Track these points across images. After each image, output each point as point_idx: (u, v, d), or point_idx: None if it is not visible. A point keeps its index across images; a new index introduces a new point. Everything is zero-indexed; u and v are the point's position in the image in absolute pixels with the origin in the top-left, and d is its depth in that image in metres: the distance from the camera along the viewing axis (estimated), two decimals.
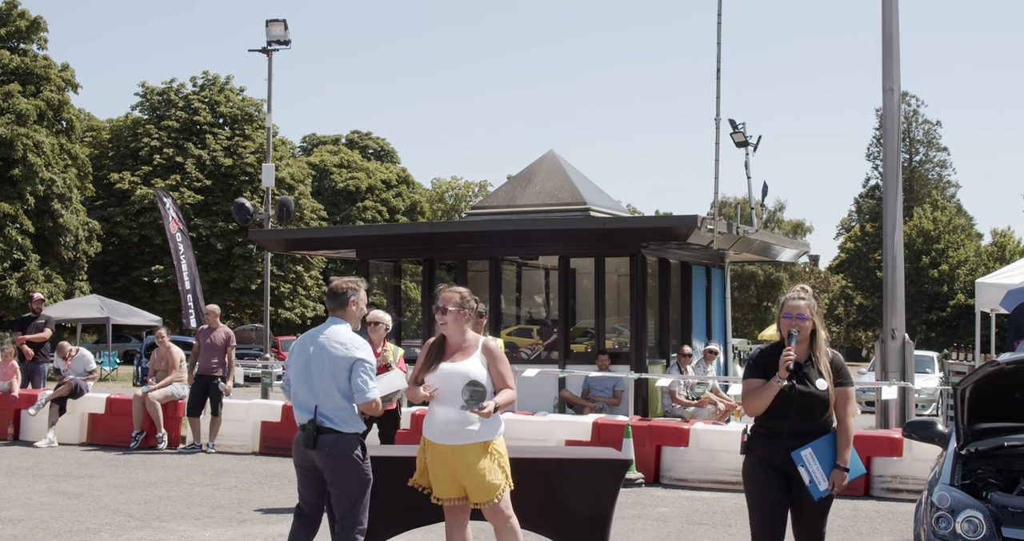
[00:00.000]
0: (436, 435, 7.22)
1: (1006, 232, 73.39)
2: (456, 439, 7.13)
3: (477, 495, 7.13)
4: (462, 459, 7.11)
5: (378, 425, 11.65)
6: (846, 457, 6.53)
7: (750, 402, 6.67)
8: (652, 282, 19.54)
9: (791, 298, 6.70)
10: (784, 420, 6.56)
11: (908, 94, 79.07)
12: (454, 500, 7.22)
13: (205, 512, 11.24)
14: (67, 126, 46.01)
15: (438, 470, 7.21)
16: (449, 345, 7.33)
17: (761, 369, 6.67)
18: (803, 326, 6.63)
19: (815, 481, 6.48)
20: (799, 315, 6.62)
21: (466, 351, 7.28)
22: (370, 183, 69.80)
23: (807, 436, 6.55)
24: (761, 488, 6.65)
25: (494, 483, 7.09)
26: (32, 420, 17.48)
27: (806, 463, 6.49)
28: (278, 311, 54.17)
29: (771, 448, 6.62)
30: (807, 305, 6.65)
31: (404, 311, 22.85)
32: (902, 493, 12.47)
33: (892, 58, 15.65)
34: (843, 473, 6.52)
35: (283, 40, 26.03)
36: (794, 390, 6.54)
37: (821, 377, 6.59)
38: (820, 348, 6.67)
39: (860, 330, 74.83)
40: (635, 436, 13.41)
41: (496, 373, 7.21)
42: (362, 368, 7.22)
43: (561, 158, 21.71)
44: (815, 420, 6.58)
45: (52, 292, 41.32)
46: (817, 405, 6.57)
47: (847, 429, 6.57)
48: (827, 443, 6.55)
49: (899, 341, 15.32)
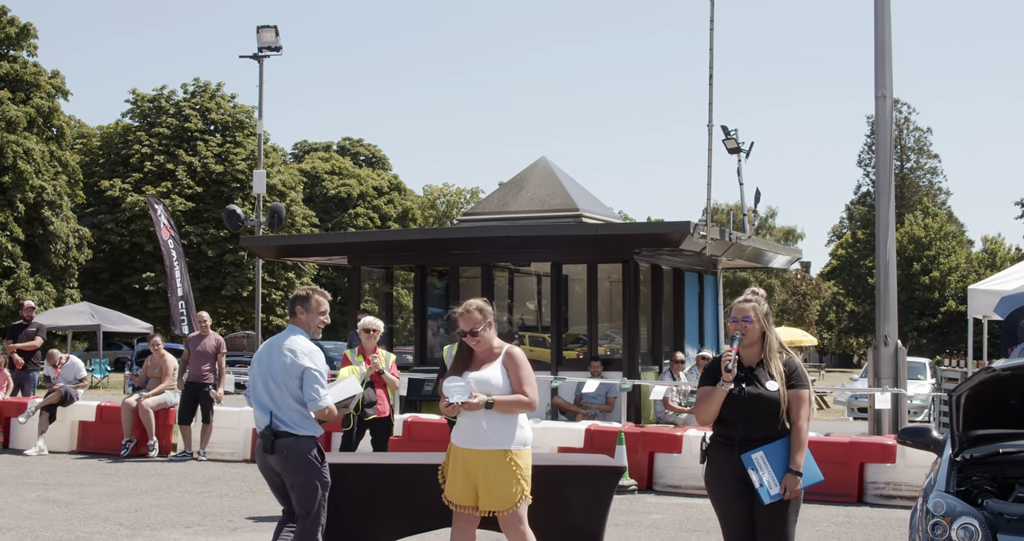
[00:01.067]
0: (459, 438, 7.19)
1: (997, 239, 73.57)
2: (476, 444, 7.08)
3: (488, 502, 7.07)
4: (480, 464, 7.05)
5: (371, 432, 11.63)
6: (799, 461, 6.38)
7: (699, 409, 6.60)
8: (644, 288, 19.54)
9: (738, 300, 6.64)
10: (736, 425, 6.46)
11: (900, 101, 79.31)
12: (464, 507, 7.16)
13: (196, 520, 11.19)
14: (57, 133, 45.90)
15: (455, 473, 7.16)
16: (477, 355, 7.31)
17: (712, 376, 6.56)
18: (748, 328, 6.54)
19: (765, 485, 6.34)
20: (744, 318, 6.55)
21: (489, 360, 7.26)
22: (361, 190, 69.74)
23: (760, 441, 6.42)
24: (726, 499, 6.53)
25: (507, 493, 7.02)
26: (22, 428, 17.39)
27: (757, 466, 6.37)
28: (269, 318, 54.05)
29: (728, 455, 6.49)
30: (752, 307, 6.57)
31: (396, 318, 22.80)
32: (895, 500, 12.45)
33: (884, 65, 15.67)
34: (796, 477, 6.36)
35: (274, 46, 26.02)
36: (743, 393, 6.45)
37: (772, 379, 6.47)
38: (771, 350, 6.56)
39: (851, 336, 74.94)
40: (628, 443, 13.39)
41: (514, 378, 7.16)
42: (310, 377, 7.31)
43: (553, 164, 21.71)
44: (767, 423, 6.43)
45: (42, 299, 41.19)
46: (767, 407, 6.43)
47: (799, 432, 6.42)
48: (781, 447, 6.42)
49: (892, 347, 15.33)
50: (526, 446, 7.16)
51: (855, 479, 12.66)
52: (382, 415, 11.52)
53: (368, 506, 7.85)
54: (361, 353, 11.41)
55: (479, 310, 7.28)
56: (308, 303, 7.58)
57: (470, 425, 7.12)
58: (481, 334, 7.24)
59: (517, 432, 7.12)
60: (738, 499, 6.46)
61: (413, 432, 14.65)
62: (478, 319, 7.24)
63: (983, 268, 66.36)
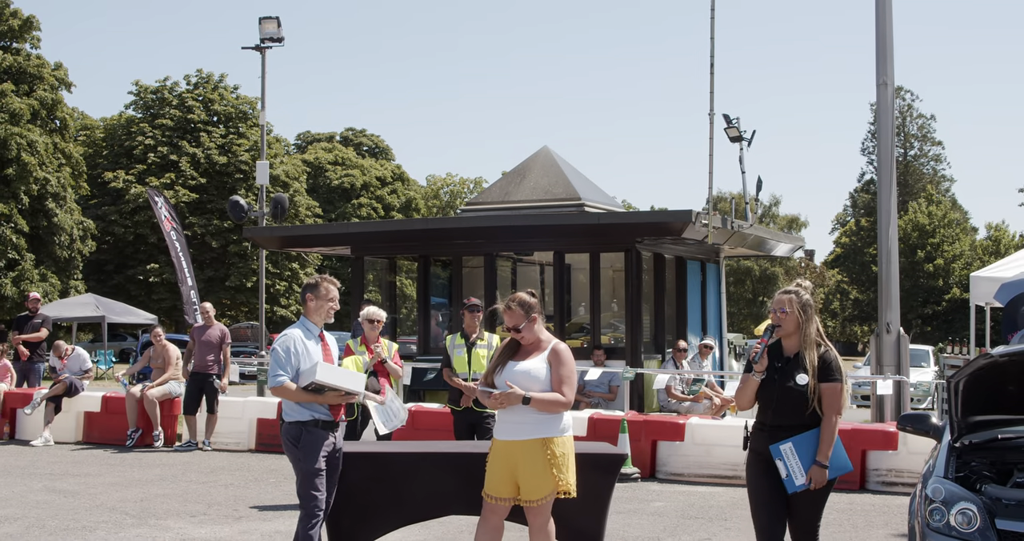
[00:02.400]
0: (500, 432, 7.20)
1: (1001, 226, 73.57)
2: (516, 435, 7.07)
3: (527, 492, 7.07)
4: (518, 455, 7.06)
5: None
6: (826, 453, 6.54)
7: (736, 396, 6.88)
8: (647, 277, 19.56)
9: (780, 292, 6.79)
10: (768, 413, 6.67)
11: (903, 89, 79.22)
12: (500, 500, 7.16)
13: (201, 509, 11.25)
14: (61, 125, 45.88)
15: (497, 466, 7.16)
16: (524, 346, 7.31)
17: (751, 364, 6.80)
18: (783, 318, 6.68)
19: (791, 475, 6.52)
20: (780, 308, 6.71)
21: (536, 352, 7.25)
22: (365, 180, 69.70)
23: (789, 430, 6.60)
24: (758, 483, 6.72)
25: (545, 482, 7.02)
26: (28, 419, 17.47)
27: (784, 457, 6.55)
28: (274, 308, 54.09)
29: (763, 441, 6.70)
30: (789, 299, 6.71)
31: (399, 308, 22.85)
32: (897, 487, 12.50)
33: (886, 52, 15.67)
34: (822, 470, 6.52)
35: (276, 37, 25.98)
36: (775, 383, 6.63)
37: (804, 371, 6.61)
38: (808, 342, 6.69)
39: (855, 324, 74.96)
40: (631, 431, 13.44)
41: (555, 376, 7.13)
42: (272, 356, 7.64)
43: (555, 154, 21.72)
44: (796, 414, 6.61)
45: (47, 291, 41.21)
46: (796, 399, 6.59)
47: (830, 425, 6.57)
48: (810, 438, 6.58)
49: (894, 335, 15.35)
50: (566, 432, 7.14)
51: (857, 466, 12.70)
52: (385, 400, 11.55)
53: (372, 494, 7.90)
54: (364, 343, 11.45)
55: (521, 305, 7.24)
56: (317, 290, 7.78)
57: (509, 417, 7.13)
58: (524, 331, 7.23)
59: (555, 420, 7.09)
60: (772, 481, 6.64)
61: (417, 421, 14.70)
62: (520, 315, 7.22)
63: (987, 255, 66.37)
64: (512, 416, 7.10)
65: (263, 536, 9.86)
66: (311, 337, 7.72)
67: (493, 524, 7.25)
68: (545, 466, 7.01)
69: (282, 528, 10.13)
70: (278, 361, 7.56)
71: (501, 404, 7.05)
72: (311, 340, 7.70)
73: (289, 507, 11.03)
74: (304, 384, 7.47)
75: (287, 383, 7.49)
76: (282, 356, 7.56)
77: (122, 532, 10.04)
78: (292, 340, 7.61)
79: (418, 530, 9.61)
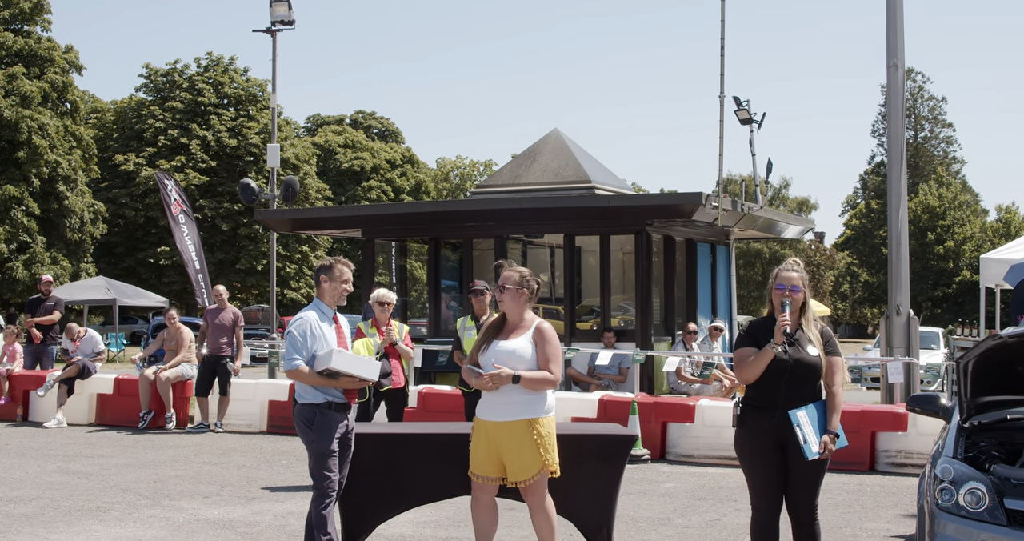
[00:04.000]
0: (484, 412, 7.29)
1: (1011, 208, 73.42)
2: (501, 415, 7.17)
3: (515, 473, 7.18)
4: (504, 435, 7.16)
5: (386, 403, 11.74)
6: (835, 423, 6.71)
7: (744, 369, 6.82)
8: (657, 260, 19.57)
9: (784, 269, 6.90)
10: (778, 389, 6.71)
11: (914, 71, 78.94)
12: (488, 479, 7.28)
13: (214, 490, 11.33)
14: (71, 108, 45.95)
15: (481, 446, 7.27)
16: (508, 324, 7.36)
17: (752, 338, 6.86)
18: (796, 297, 6.82)
19: (808, 442, 6.62)
20: (792, 286, 6.82)
21: (520, 330, 7.30)
22: (375, 163, 69.72)
23: (800, 404, 6.71)
24: (759, 460, 6.80)
25: (532, 462, 7.13)
26: (41, 401, 17.58)
27: (801, 424, 6.64)
28: (284, 291, 54.19)
29: (764, 419, 6.76)
30: (800, 277, 6.86)
31: (410, 291, 22.89)
32: (907, 468, 12.53)
33: (896, 34, 15.64)
34: (833, 438, 6.68)
35: (287, 20, 25.98)
36: (787, 356, 6.70)
37: (812, 345, 6.79)
38: (809, 319, 6.89)
39: (866, 307, 74.90)
40: (641, 413, 13.49)
41: (541, 355, 7.20)
42: (287, 340, 7.68)
43: (566, 137, 21.71)
44: (808, 387, 6.74)
45: (58, 274, 41.36)
46: (810, 371, 6.73)
47: (835, 397, 6.74)
48: (819, 409, 6.74)
49: (904, 317, 15.37)
50: (549, 413, 7.24)
51: (867, 447, 12.74)
52: (397, 386, 11.63)
53: (384, 475, 7.95)
54: (375, 325, 11.51)
55: (519, 273, 7.33)
56: (332, 272, 7.83)
57: (494, 397, 7.21)
58: (507, 294, 7.26)
59: (539, 401, 7.20)
60: (771, 460, 6.75)
61: (427, 403, 14.76)
62: (513, 279, 7.29)
63: (997, 237, 66.24)
64: (498, 396, 7.19)
65: (276, 517, 9.93)
66: (325, 319, 7.77)
67: (485, 503, 7.37)
68: (532, 446, 7.12)
69: (295, 509, 10.20)
70: (294, 345, 7.60)
71: (492, 385, 7.10)
72: (325, 322, 7.75)
73: (302, 488, 11.10)
74: (319, 369, 7.53)
75: (302, 367, 7.55)
76: (298, 340, 7.60)
77: (136, 512, 10.12)
78: (308, 323, 7.66)
79: (430, 510, 9.68)
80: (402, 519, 9.04)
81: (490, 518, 7.40)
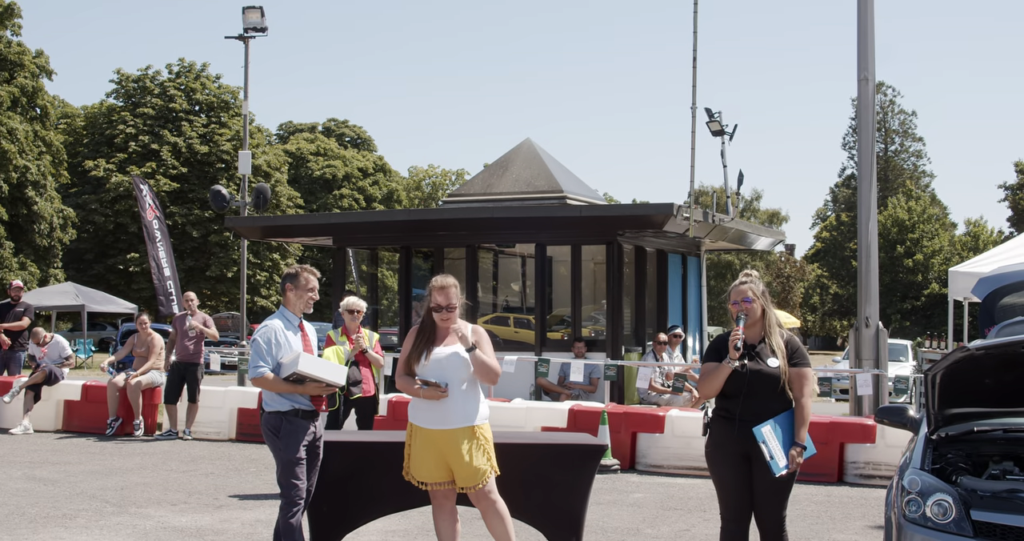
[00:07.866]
0: (425, 420, 7.33)
1: (980, 222, 73.84)
2: (445, 423, 7.25)
3: (464, 479, 7.25)
4: (451, 443, 7.22)
5: (356, 411, 11.69)
6: (803, 435, 6.72)
7: (704, 384, 6.91)
8: (628, 270, 19.61)
9: (736, 284, 6.94)
10: (738, 400, 6.75)
11: (884, 84, 79.36)
12: (440, 485, 7.34)
13: (182, 498, 11.26)
14: (41, 113, 45.69)
15: (425, 455, 7.31)
16: (439, 331, 7.42)
17: (716, 353, 6.89)
18: (750, 308, 6.85)
19: (775, 458, 6.62)
20: (744, 298, 6.86)
21: (454, 335, 7.39)
22: (347, 171, 69.63)
23: (760, 415, 6.71)
24: (725, 471, 6.84)
25: (481, 468, 7.23)
26: (7, 407, 17.42)
27: (766, 439, 6.65)
28: (254, 299, 54.00)
29: (729, 430, 6.79)
30: (749, 288, 6.89)
31: (381, 299, 22.84)
32: (875, 479, 12.58)
33: (867, 48, 15.74)
34: (801, 450, 6.70)
35: (260, 27, 25.86)
36: (745, 369, 6.74)
37: (773, 356, 6.80)
38: (772, 327, 6.90)
39: (835, 319, 75.19)
40: (611, 423, 13.49)
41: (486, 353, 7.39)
42: (252, 347, 7.70)
43: (538, 146, 21.74)
44: (769, 399, 6.75)
45: (27, 279, 41.07)
46: (768, 383, 6.74)
47: (803, 409, 6.75)
48: (785, 421, 6.73)
49: (873, 329, 15.45)
50: (486, 420, 7.42)
51: (835, 459, 12.80)
52: (367, 394, 11.58)
53: (353, 484, 7.93)
54: (345, 333, 11.47)
55: (456, 287, 7.45)
56: (297, 280, 7.82)
57: (436, 405, 7.28)
58: (455, 312, 7.38)
59: (480, 408, 7.38)
60: (737, 471, 6.79)
61: (398, 411, 14.73)
62: (455, 295, 7.39)
63: (966, 251, 66.63)
64: (440, 404, 7.28)
65: (244, 525, 9.88)
66: (291, 327, 7.77)
67: (448, 509, 7.47)
68: (479, 452, 7.25)
69: (263, 517, 10.15)
70: (259, 352, 7.60)
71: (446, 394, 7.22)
72: (291, 330, 7.75)
73: (270, 496, 11.06)
74: (286, 375, 7.51)
75: (267, 374, 7.54)
76: (263, 347, 7.60)
77: (102, 520, 10.05)
78: (273, 331, 7.65)
79: (398, 519, 9.65)
80: (371, 528, 9.01)
81: (453, 525, 7.47)
